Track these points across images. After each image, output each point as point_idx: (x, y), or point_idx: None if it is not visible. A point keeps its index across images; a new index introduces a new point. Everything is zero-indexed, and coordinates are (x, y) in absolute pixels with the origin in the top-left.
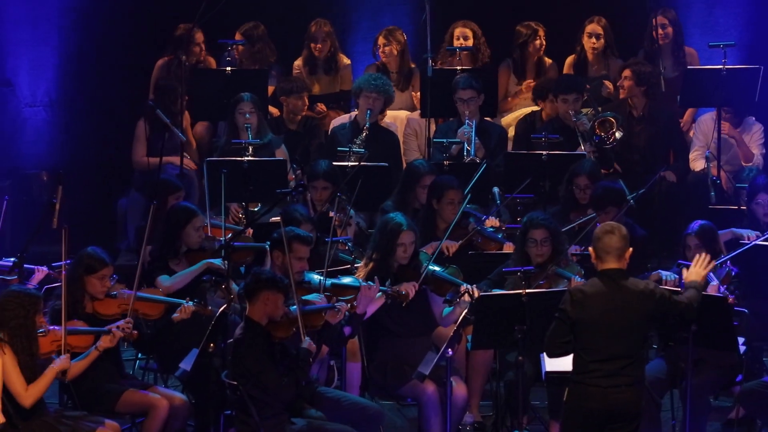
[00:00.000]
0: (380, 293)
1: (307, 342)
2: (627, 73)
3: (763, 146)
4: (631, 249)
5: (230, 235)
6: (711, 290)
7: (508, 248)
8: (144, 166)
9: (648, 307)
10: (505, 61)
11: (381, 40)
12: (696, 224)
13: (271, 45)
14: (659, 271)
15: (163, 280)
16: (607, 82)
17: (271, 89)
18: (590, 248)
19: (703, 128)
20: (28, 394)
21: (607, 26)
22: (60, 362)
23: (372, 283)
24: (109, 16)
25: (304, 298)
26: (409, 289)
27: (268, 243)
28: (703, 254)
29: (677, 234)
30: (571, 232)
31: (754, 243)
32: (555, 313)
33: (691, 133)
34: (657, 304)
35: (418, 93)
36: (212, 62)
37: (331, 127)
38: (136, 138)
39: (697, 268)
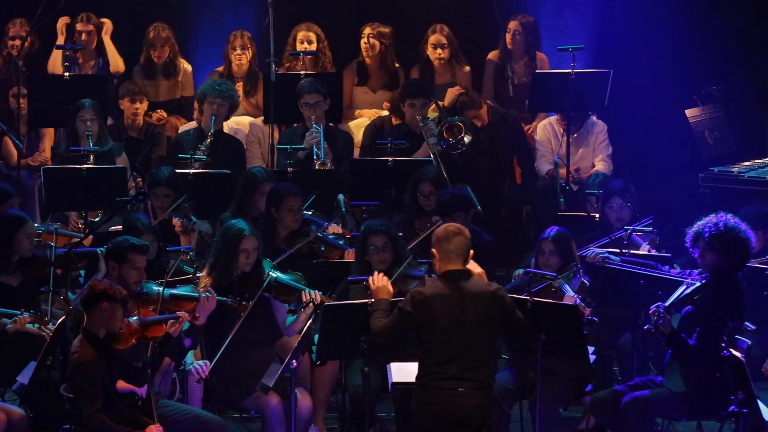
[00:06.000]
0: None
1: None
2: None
3: (608, 146)
4: (472, 251)
5: (72, 242)
6: (567, 300)
7: (352, 255)
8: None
9: (488, 309)
10: (349, 65)
11: (238, 42)
12: (553, 230)
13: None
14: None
15: None
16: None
17: None
18: (433, 249)
19: (544, 135)
20: None
21: (450, 35)
22: None
23: (209, 294)
24: None
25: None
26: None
27: (101, 249)
28: None
29: (525, 241)
30: (422, 243)
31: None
32: (395, 308)
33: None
34: (497, 307)
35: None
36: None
37: (177, 133)
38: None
39: None
